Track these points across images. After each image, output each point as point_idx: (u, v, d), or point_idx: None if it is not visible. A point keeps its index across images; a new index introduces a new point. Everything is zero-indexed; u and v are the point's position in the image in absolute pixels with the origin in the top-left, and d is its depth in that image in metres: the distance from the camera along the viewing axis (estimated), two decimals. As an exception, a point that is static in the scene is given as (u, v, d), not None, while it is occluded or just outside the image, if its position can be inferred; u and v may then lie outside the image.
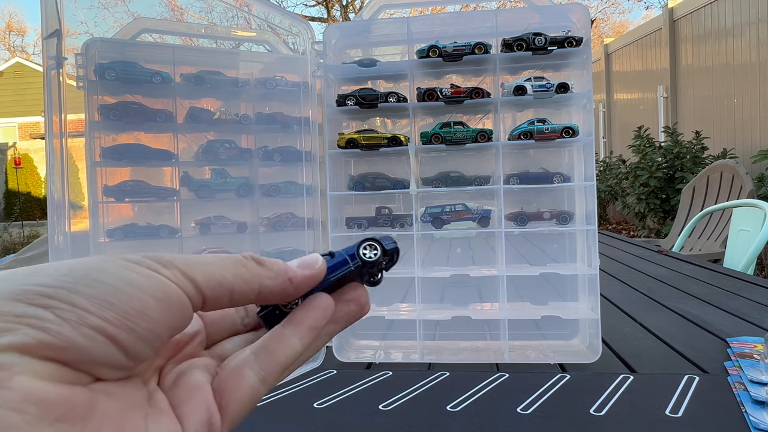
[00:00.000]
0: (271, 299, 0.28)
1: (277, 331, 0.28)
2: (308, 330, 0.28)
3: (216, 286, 0.25)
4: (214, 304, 0.26)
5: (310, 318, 0.28)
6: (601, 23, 14.55)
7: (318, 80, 0.88)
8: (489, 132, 0.85)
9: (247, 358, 0.27)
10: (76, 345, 0.21)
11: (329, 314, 0.29)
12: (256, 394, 0.27)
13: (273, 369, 0.27)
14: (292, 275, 0.27)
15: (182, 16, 1.06)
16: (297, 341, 0.28)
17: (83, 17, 0.67)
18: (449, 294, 0.93)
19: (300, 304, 0.29)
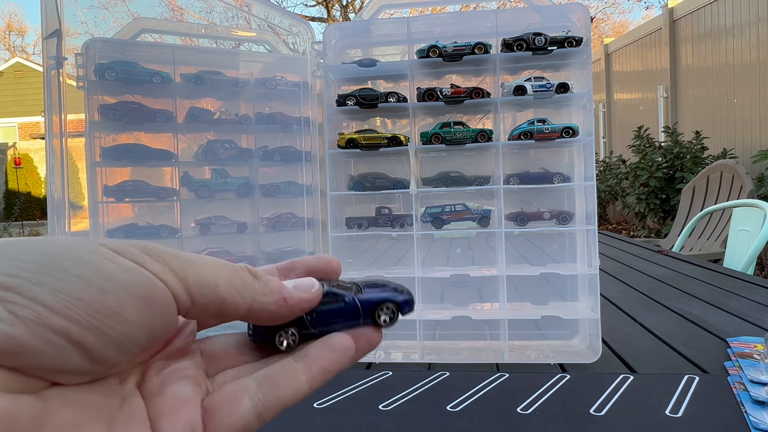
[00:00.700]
0: (262, 317, 0.25)
1: (288, 364, 0.25)
2: (321, 372, 0.25)
3: (207, 293, 0.22)
4: (201, 311, 0.23)
5: (328, 360, 0.26)
6: (601, 23, 14.56)
7: (318, 80, 0.88)
8: (489, 132, 0.85)
9: (248, 386, 0.24)
10: (30, 349, 0.18)
11: (348, 360, 0.26)
12: (248, 427, 0.24)
13: (272, 405, 0.24)
14: (287, 295, 0.25)
15: (182, 16, 1.05)
16: (305, 381, 0.25)
17: (83, 17, 0.67)
18: (449, 294, 0.93)
19: (314, 342, 0.27)
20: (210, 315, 0.23)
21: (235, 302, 0.23)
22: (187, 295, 0.22)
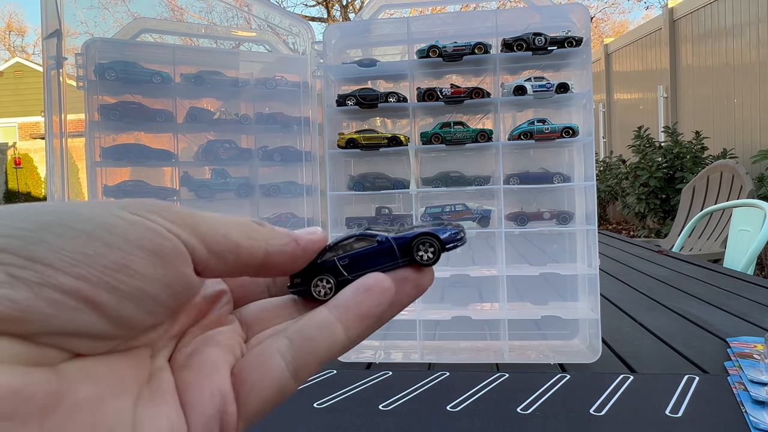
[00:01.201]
0: (281, 260, 0.23)
1: (320, 315, 0.23)
2: (358, 317, 0.23)
3: (222, 240, 0.21)
4: (219, 261, 0.21)
5: (363, 304, 0.23)
6: (601, 23, 14.56)
7: (318, 80, 0.88)
8: (489, 132, 0.85)
9: (279, 344, 0.22)
10: (37, 313, 0.16)
11: (387, 300, 0.23)
12: (284, 388, 0.22)
13: (307, 361, 0.22)
14: (296, 237, 0.24)
15: (182, 16, 1.05)
16: (342, 331, 0.23)
17: (83, 17, 0.67)
18: (449, 294, 0.93)
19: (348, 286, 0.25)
20: (229, 263, 0.22)
21: (251, 247, 0.22)
22: (201, 244, 0.20)
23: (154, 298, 0.19)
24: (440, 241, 0.26)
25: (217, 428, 0.20)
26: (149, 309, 0.19)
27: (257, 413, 0.22)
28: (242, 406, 0.21)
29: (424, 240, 0.26)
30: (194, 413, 0.20)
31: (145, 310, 0.19)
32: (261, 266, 0.23)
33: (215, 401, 0.20)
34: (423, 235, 0.26)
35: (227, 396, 0.21)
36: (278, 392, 0.22)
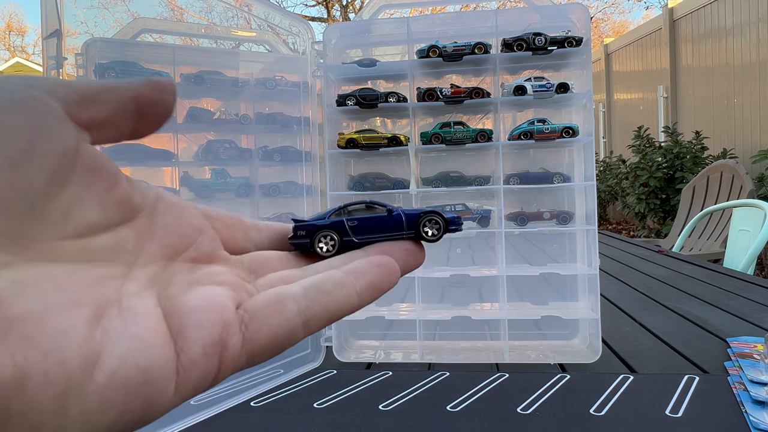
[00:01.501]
0: (151, 93, 0.21)
1: (336, 274, 0.24)
2: (370, 286, 0.24)
3: (87, 83, 0.20)
4: (89, 103, 0.19)
5: (376, 275, 0.24)
6: (601, 23, 14.56)
7: (318, 80, 0.88)
8: (489, 132, 0.85)
9: (294, 290, 0.22)
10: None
11: (394, 280, 0.25)
12: (293, 333, 0.21)
13: (319, 313, 0.22)
14: (140, 88, 0.21)
15: (182, 16, 1.06)
16: (355, 293, 0.23)
17: (83, 17, 0.67)
18: (449, 294, 0.93)
19: (356, 254, 0.26)
20: (104, 109, 0.20)
21: (119, 83, 0.20)
22: (65, 88, 0.19)
23: (28, 152, 0.17)
24: (446, 221, 0.28)
25: (217, 357, 0.19)
26: (35, 167, 0.17)
27: (264, 351, 0.21)
28: (249, 340, 0.20)
29: (431, 218, 0.28)
30: (190, 339, 0.19)
31: (32, 169, 0.17)
32: (136, 105, 0.21)
33: (217, 329, 0.20)
34: (431, 213, 0.28)
35: (231, 326, 0.20)
36: (287, 335, 0.21)
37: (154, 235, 0.22)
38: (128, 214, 0.22)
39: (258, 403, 0.69)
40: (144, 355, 0.18)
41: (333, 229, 0.27)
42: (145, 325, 0.18)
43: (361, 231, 0.27)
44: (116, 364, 0.17)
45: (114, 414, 0.17)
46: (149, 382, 0.17)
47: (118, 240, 0.21)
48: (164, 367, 0.18)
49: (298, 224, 0.28)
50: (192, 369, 0.19)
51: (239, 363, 0.20)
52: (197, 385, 0.19)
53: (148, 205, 0.23)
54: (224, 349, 0.19)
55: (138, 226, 0.22)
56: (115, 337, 0.17)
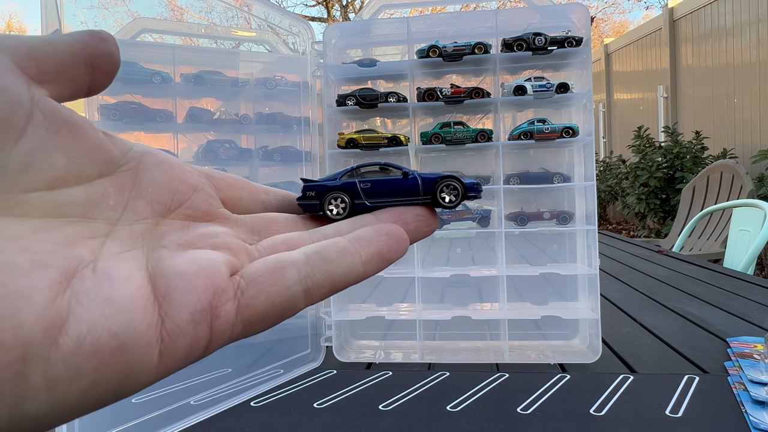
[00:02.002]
0: (95, 45, 0.20)
1: (341, 242, 0.22)
2: (377, 255, 0.22)
3: (36, 39, 0.19)
4: (41, 55, 0.19)
5: (383, 244, 0.23)
6: (601, 23, 14.56)
7: (318, 80, 0.88)
8: (489, 132, 0.85)
9: (295, 257, 0.21)
10: None
11: (403, 249, 0.23)
12: (293, 301, 0.20)
13: (321, 281, 0.21)
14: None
15: (182, 16, 1.06)
16: (360, 262, 0.22)
17: (83, 17, 0.67)
18: (449, 294, 0.93)
19: (366, 218, 0.24)
20: (54, 61, 0.19)
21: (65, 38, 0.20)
22: (14, 42, 0.18)
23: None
24: (464, 186, 0.26)
25: (206, 325, 0.18)
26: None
27: (261, 319, 0.20)
28: (245, 307, 0.19)
29: (449, 182, 0.26)
30: (176, 304, 0.18)
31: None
32: (86, 55, 0.20)
33: (207, 294, 0.18)
34: (449, 178, 0.26)
35: (224, 293, 0.19)
36: (286, 304, 0.20)
37: (140, 190, 0.21)
38: (105, 166, 0.20)
39: (258, 403, 0.69)
40: (118, 320, 0.16)
41: (344, 191, 0.26)
42: (123, 287, 0.17)
43: (374, 194, 0.26)
44: (85, 328, 0.16)
45: (84, 382, 0.16)
46: (125, 349, 0.16)
47: (95, 194, 0.20)
48: (144, 333, 0.17)
49: (308, 185, 0.27)
50: (179, 336, 0.18)
51: (234, 331, 0.19)
52: (186, 353, 0.18)
53: (132, 158, 0.21)
54: (215, 316, 0.18)
55: (120, 181, 0.21)
56: (85, 300, 0.16)
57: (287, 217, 0.26)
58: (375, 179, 0.26)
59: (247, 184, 0.26)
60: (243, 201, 0.26)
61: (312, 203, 0.26)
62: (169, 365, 0.18)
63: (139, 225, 0.20)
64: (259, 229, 0.24)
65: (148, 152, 0.22)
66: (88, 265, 0.17)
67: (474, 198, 0.27)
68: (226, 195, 0.25)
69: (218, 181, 0.25)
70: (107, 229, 0.19)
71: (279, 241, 0.23)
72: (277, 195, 0.27)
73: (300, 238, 0.24)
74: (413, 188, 0.26)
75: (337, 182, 0.26)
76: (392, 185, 0.26)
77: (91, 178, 0.20)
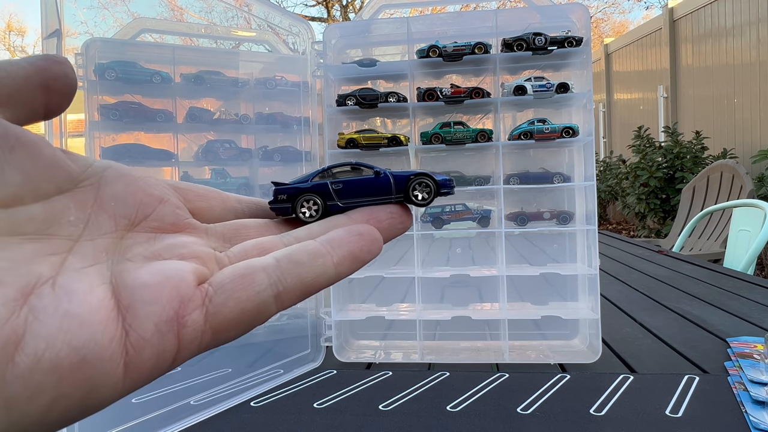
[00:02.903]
0: (49, 68, 0.20)
1: (310, 245, 0.22)
2: (349, 256, 0.22)
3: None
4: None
5: (355, 245, 0.22)
6: (601, 23, 14.55)
7: (318, 80, 0.88)
8: (489, 132, 0.85)
9: (266, 261, 0.21)
10: None
11: (376, 249, 0.23)
12: (263, 306, 0.20)
13: (293, 285, 0.21)
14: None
15: (182, 16, 1.06)
16: (331, 264, 0.22)
17: (83, 17, 0.67)
18: (449, 294, 0.93)
19: (338, 219, 0.24)
20: (10, 85, 0.19)
21: (15, 61, 0.20)
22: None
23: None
24: (436, 183, 0.26)
25: (173, 335, 0.18)
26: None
27: (232, 326, 0.19)
28: (213, 314, 0.19)
29: (421, 180, 0.26)
30: (140, 316, 0.17)
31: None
32: (40, 78, 0.20)
33: (173, 304, 0.18)
34: (420, 176, 0.26)
35: (190, 302, 0.18)
36: (257, 309, 0.20)
37: (102, 204, 0.21)
38: (64, 183, 0.20)
39: (258, 403, 0.69)
40: (78, 334, 0.16)
41: (316, 193, 0.26)
42: (83, 301, 0.17)
43: (347, 194, 0.25)
44: (43, 344, 0.15)
45: (45, 399, 0.15)
46: (86, 363, 0.16)
47: (54, 210, 0.19)
48: (107, 346, 0.16)
49: (279, 188, 0.26)
50: (144, 348, 0.17)
51: (203, 340, 0.19)
52: (153, 365, 0.18)
53: (93, 174, 0.21)
54: (181, 326, 0.18)
55: (80, 196, 0.20)
56: (43, 316, 0.16)
57: (259, 222, 0.26)
58: (347, 179, 0.26)
59: (218, 194, 0.26)
60: (214, 210, 0.25)
61: (284, 206, 0.26)
62: (135, 378, 0.17)
63: (102, 239, 0.20)
64: (230, 236, 0.24)
65: (109, 167, 0.22)
66: (47, 282, 0.17)
67: (446, 194, 0.27)
68: (196, 206, 0.25)
69: (187, 192, 0.25)
70: (68, 245, 0.19)
71: (250, 246, 0.23)
72: (250, 202, 0.27)
73: (272, 242, 0.23)
74: (386, 187, 0.26)
75: (309, 184, 0.26)
76: (364, 185, 0.26)
77: (50, 195, 0.19)
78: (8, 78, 0.19)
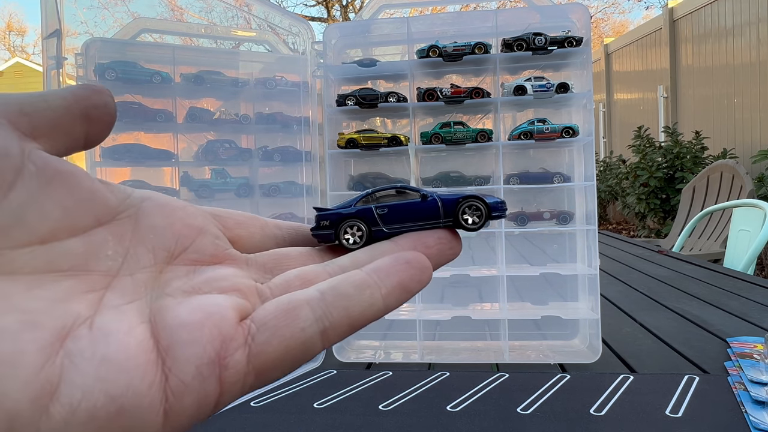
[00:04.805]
0: (90, 94, 0.20)
1: (357, 275, 0.20)
2: (398, 287, 0.21)
3: (35, 99, 0.19)
4: (35, 112, 0.18)
5: (404, 274, 0.21)
6: (601, 23, 14.55)
7: (318, 80, 0.88)
8: (489, 132, 0.85)
9: (310, 294, 0.19)
10: None
11: (426, 278, 0.21)
12: (309, 345, 0.19)
13: (339, 321, 0.19)
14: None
15: (182, 16, 1.05)
16: (380, 296, 0.20)
17: (83, 17, 0.67)
18: (449, 294, 0.93)
19: (384, 245, 0.23)
20: (49, 116, 0.19)
21: (57, 93, 0.20)
22: (7, 106, 0.18)
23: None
24: (488, 207, 0.25)
25: (215, 378, 0.17)
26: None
27: (276, 366, 0.18)
28: (257, 354, 0.18)
29: (471, 203, 0.25)
30: (180, 358, 0.16)
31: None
32: (81, 109, 0.20)
33: (214, 344, 0.17)
34: (471, 198, 0.25)
35: (232, 341, 0.17)
36: (302, 347, 0.18)
37: (141, 237, 0.20)
38: (103, 215, 0.19)
39: (258, 403, 0.69)
40: (116, 381, 0.15)
41: (360, 218, 0.24)
42: (121, 344, 0.16)
43: (392, 219, 0.24)
44: (79, 394, 0.14)
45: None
46: (124, 413, 0.15)
47: (91, 245, 0.18)
48: (146, 393, 0.16)
49: (322, 213, 0.25)
50: (184, 394, 0.16)
51: (246, 382, 0.18)
52: (194, 411, 0.17)
53: (131, 205, 0.20)
54: (223, 368, 0.17)
55: (119, 229, 0.20)
56: (80, 361, 0.15)
57: (301, 251, 0.25)
58: (392, 204, 0.25)
59: (257, 220, 0.25)
60: (254, 238, 0.24)
61: (327, 233, 0.25)
62: (176, 425, 0.16)
63: (141, 274, 0.19)
64: (271, 266, 0.23)
65: (148, 198, 0.21)
66: (84, 322, 0.16)
67: (498, 218, 0.25)
68: (235, 233, 0.24)
69: (226, 219, 0.24)
70: (107, 281, 0.18)
71: (292, 276, 0.22)
72: (290, 228, 0.26)
73: (314, 272, 0.22)
74: (433, 211, 0.24)
75: (352, 209, 0.25)
76: (411, 209, 0.24)
77: (87, 228, 0.19)
78: (49, 110, 0.19)
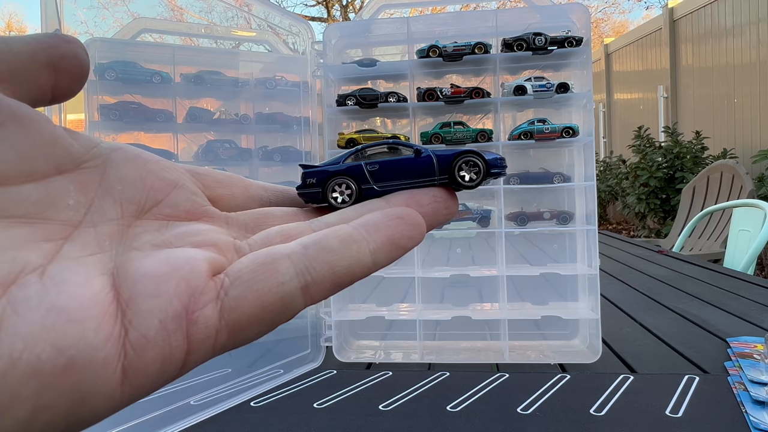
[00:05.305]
0: (57, 45, 0.19)
1: (344, 228, 0.19)
2: (388, 242, 0.19)
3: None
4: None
5: (395, 230, 0.19)
6: (601, 23, 14.55)
7: (318, 80, 0.88)
8: (489, 132, 0.85)
9: (291, 248, 0.18)
10: None
11: (419, 235, 0.20)
12: (288, 299, 0.17)
13: (323, 275, 0.18)
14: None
15: (182, 16, 1.05)
16: (367, 251, 0.19)
17: (83, 17, 0.67)
18: (449, 294, 0.93)
19: (374, 203, 0.22)
20: (10, 60, 0.17)
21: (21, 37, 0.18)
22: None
23: None
24: (485, 162, 0.23)
25: (181, 334, 0.15)
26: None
27: (252, 323, 0.17)
28: (230, 309, 0.16)
29: (468, 158, 0.23)
30: (142, 311, 0.15)
31: None
32: (47, 56, 0.18)
33: (181, 298, 0.15)
34: (468, 153, 0.23)
35: (202, 295, 0.16)
36: (281, 303, 0.17)
37: (107, 188, 0.18)
38: (64, 163, 0.18)
39: (258, 403, 0.69)
40: (64, 332, 0.14)
41: (349, 176, 0.23)
42: (73, 294, 0.14)
43: (384, 177, 0.23)
44: (21, 344, 0.13)
45: (22, 412, 0.13)
46: (74, 367, 0.13)
47: (50, 192, 0.17)
48: (101, 347, 0.14)
49: (308, 171, 0.24)
50: (146, 349, 0.15)
51: (218, 340, 0.16)
52: (157, 370, 0.15)
53: (98, 155, 0.19)
54: (191, 322, 0.15)
55: (83, 178, 0.18)
56: (24, 310, 0.13)
57: (286, 210, 0.23)
58: (384, 160, 0.23)
59: (241, 180, 0.24)
60: (237, 198, 0.23)
61: (313, 191, 0.23)
62: (136, 385, 0.15)
63: (106, 226, 0.18)
64: (253, 225, 0.22)
65: (119, 148, 0.20)
66: (34, 270, 0.15)
67: (498, 175, 0.24)
68: (216, 193, 0.22)
69: (205, 177, 0.22)
70: (66, 232, 0.17)
71: (274, 232, 0.20)
72: (276, 190, 0.25)
73: (298, 228, 0.21)
74: (428, 167, 0.23)
75: (341, 166, 0.24)
76: (404, 166, 0.23)
77: (46, 175, 0.17)
78: (10, 53, 0.17)
